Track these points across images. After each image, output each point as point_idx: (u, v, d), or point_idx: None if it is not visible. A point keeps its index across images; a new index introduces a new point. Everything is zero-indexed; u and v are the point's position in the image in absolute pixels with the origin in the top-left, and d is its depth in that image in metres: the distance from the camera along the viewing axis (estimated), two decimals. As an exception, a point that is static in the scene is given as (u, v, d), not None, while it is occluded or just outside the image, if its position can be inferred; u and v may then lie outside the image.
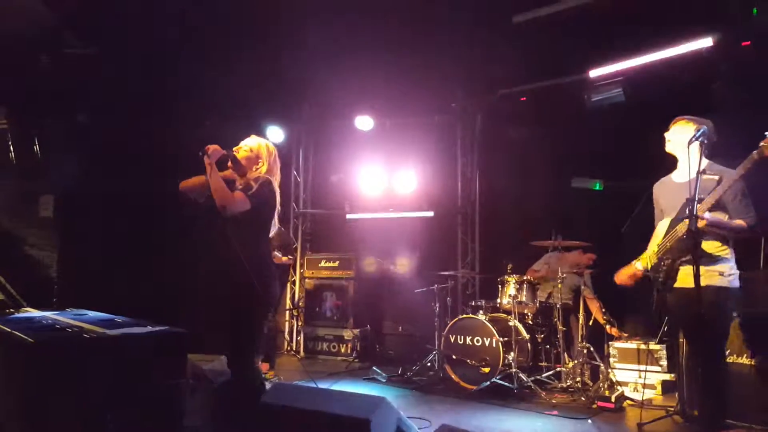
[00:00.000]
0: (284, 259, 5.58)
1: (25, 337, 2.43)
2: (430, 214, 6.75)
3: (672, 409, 4.01)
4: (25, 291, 6.07)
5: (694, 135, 2.94)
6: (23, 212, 6.41)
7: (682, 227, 2.94)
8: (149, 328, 2.76)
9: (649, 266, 3.23)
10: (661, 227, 3.23)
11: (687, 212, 2.84)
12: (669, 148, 3.22)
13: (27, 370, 2.42)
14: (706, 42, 4.83)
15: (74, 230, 6.34)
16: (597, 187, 5.95)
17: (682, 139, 3.10)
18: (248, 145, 3.06)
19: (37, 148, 6.18)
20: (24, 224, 6.40)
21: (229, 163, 3.02)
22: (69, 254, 6.31)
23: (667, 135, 3.23)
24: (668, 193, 3.22)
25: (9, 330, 2.63)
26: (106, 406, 2.40)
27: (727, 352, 3.58)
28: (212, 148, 2.86)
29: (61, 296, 5.94)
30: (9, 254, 6.29)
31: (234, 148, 3.03)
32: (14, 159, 6.19)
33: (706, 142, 2.89)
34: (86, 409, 2.37)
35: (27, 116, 6.24)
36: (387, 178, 6.96)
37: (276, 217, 3.06)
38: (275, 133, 6.79)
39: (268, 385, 2.98)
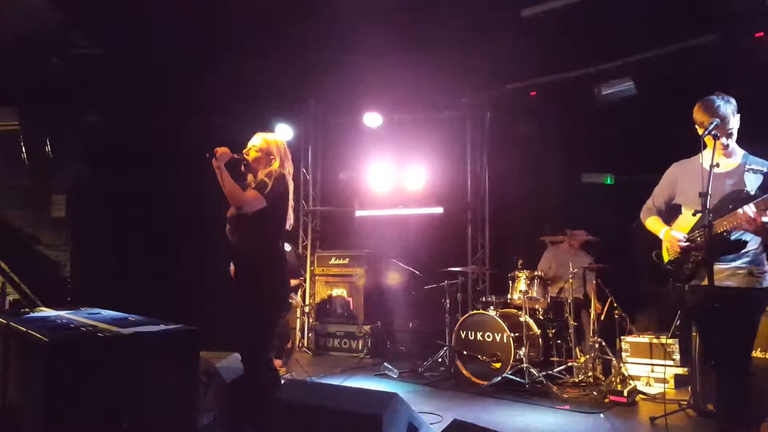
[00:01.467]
0: (294, 282, 5.49)
1: (41, 337, 2.47)
2: (440, 210, 6.74)
3: (685, 403, 3.98)
4: (39, 290, 6.16)
5: (707, 128, 2.80)
6: (36, 212, 6.49)
7: (720, 223, 2.70)
8: (162, 326, 2.79)
9: (667, 259, 2.98)
10: (688, 219, 2.94)
11: (730, 207, 2.62)
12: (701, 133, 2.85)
13: (43, 369, 2.45)
14: (718, 33, 4.77)
15: (86, 229, 6.40)
16: (608, 182, 5.90)
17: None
18: (256, 144, 3.07)
19: (48, 148, 6.24)
20: (37, 224, 6.49)
21: (242, 167, 3.03)
22: (82, 253, 6.38)
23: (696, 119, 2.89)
24: (695, 180, 2.85)
25: (25, 329, 2.67)
26: (120, 404, 2.43)
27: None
28: (221, 150, 2.87)
29: (75, 295, 6.01)
30: (23, 254, 6.38)
31: (244, 151, 3.04)
32: (26, 159, 6.25)
33: (719, 135, 2.78)
34: (101, 407, 2.40)
35: (38, 117, 6.30)
36: (396, 175, 6.94)
37: (291, 210, 3.07)
38: (284, 131, 6.81)
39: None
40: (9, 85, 5.98)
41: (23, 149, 6.17)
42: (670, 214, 3.13)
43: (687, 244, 2.86)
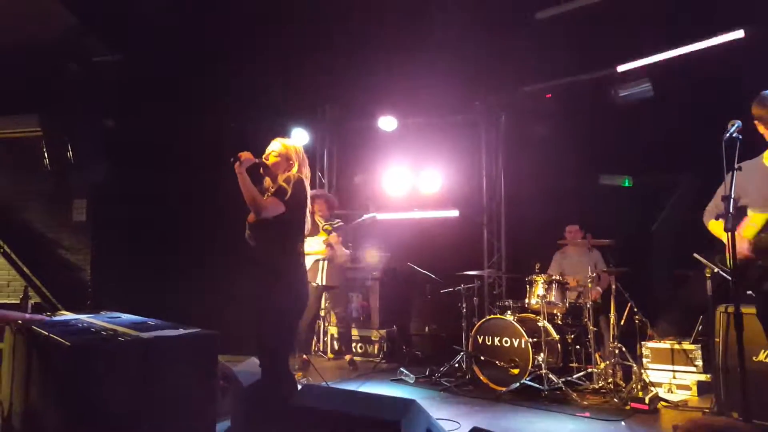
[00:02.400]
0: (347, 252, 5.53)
1: (62, 341, 2.49)
2: (455, 213, 6.70)
3: (708, 410, 3.91)
4: (60, 293, 6.26)
5: (728, 130, 2.76)
6: (57, 216, 6.60)
7: None
8: (181, 330, 2.81)
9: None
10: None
11: None
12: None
13: (64, 373, 2.48)
14: (738, 34, 4.69)
15: (107, 233, 6.49)
16: (626, 184, 5.83)
17: None
18: (276, 150, 3.09)
19: (69, 153, 6.34)
20: (58, 228, 6.59)
21: (261, 171, 3.05)
22: (102, 257, 6.47)
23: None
24: (761, 180, 2.82)
25: (46, 333, 2.70)
26: (140, 407, 2.45)
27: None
28: (245, 155, 2.90)
29: (95, 298, 6.08)
30: (44, 258, 6.49)
31: (264, 156, 3.06)
32: (48, 165, 6.36)
33: (741, 137, 2.73)
34: (121, 410, 2.42)
35: (59, 123, 6.41)
36: (411, 178, 6.93)
37: (309, 214, 3.09)
38: (300, 135, 6.84)
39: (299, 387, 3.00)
40: (29, 91, 6.11)
41: (45, 155, 6.28)
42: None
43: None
